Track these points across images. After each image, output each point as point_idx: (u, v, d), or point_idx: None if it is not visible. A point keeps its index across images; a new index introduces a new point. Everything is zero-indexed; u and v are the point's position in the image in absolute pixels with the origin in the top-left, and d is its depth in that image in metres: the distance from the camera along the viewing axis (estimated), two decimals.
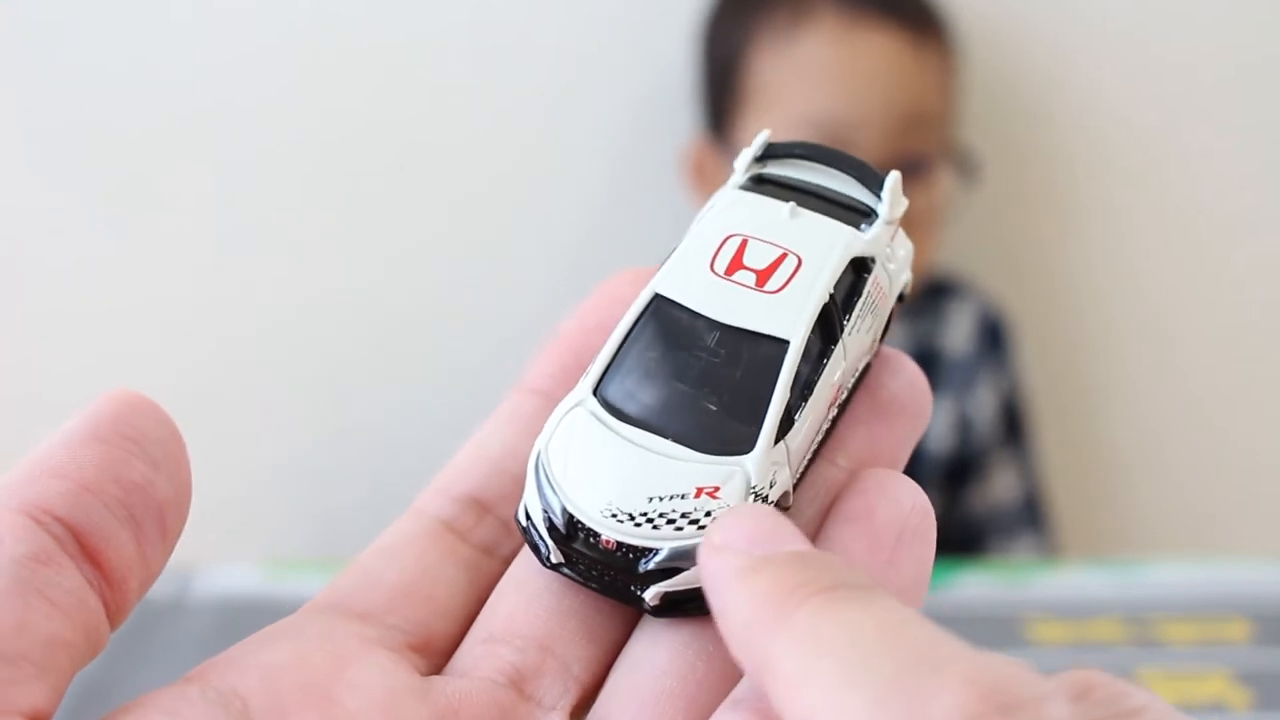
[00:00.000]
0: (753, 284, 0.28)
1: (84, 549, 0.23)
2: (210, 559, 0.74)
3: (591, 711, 0.26)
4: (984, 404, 1.02)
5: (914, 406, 0.30)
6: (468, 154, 1.09)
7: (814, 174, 0.31)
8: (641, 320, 0.28)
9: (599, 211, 1.11)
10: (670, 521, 0.26)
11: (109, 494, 0.23)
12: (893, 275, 0.29)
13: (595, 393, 0.28)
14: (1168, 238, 1.12)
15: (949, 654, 0.20)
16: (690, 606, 0.26)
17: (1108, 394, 1.14)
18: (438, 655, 0.27)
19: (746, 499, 0.26)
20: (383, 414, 1.14)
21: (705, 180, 1.03)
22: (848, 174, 0.30)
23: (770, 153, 0.31)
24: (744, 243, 0.28)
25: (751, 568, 0.23)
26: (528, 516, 0.27)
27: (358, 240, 1.11)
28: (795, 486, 0.27)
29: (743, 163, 0.31)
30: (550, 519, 0.27)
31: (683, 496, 0.26)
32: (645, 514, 0.26)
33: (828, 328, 0.27)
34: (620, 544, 0.26)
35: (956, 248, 1.06)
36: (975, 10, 1.06)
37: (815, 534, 0.27)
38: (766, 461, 0.26)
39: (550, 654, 0.26)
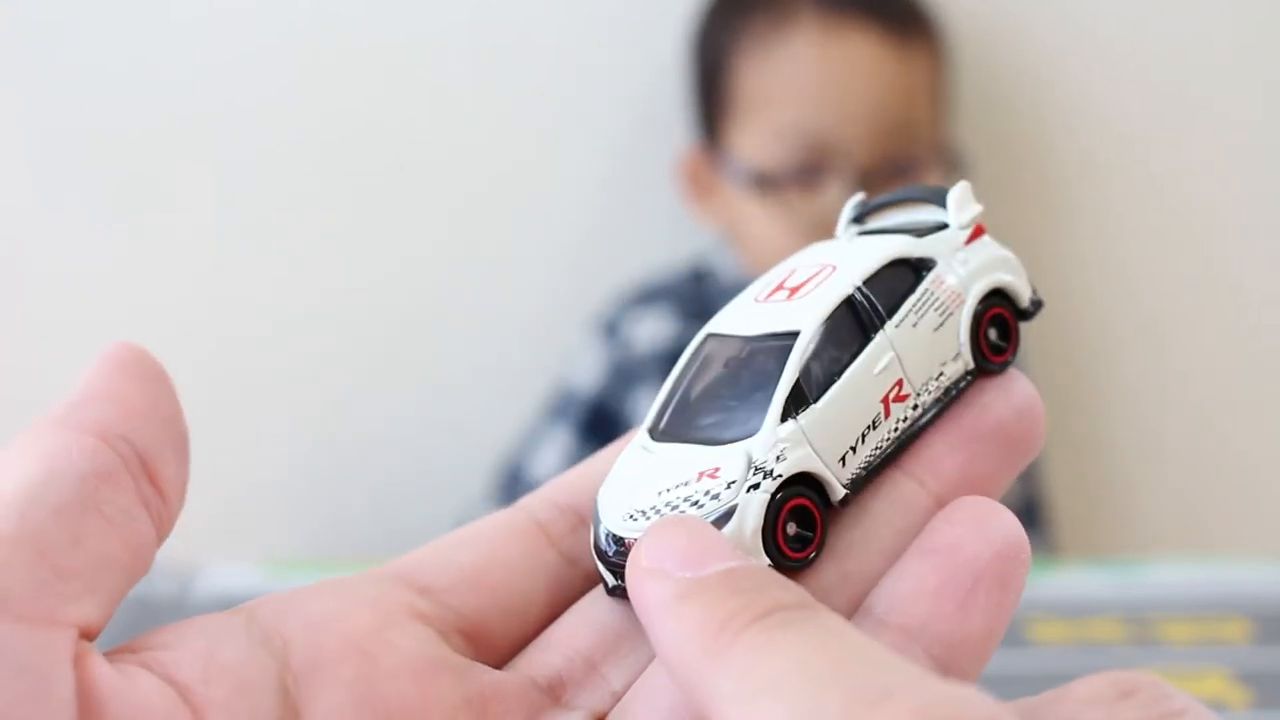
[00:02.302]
0: (785, 299, 0.29)
1: (145, 469, 0.24)
2: (211, 559, 0.74)
3: (610, 714, 0.26)
4: None
5: (1021, 436, 0.28)
6: (468, 156, 1.09)
7: (906, 216, 0.31)
8: (690, 358, 0.29)
9: (599, 214, 1.11)
10: (673, 508, 0.26)
11: (156, 419, 0.24)
12: (969, 276, 0.29)
13: (649, 429, 0.29)
14: (1166, 238, 1.12)
15: (894, 684, 0.20)
16: None
17: (1107, 394, 1.14)
18: (488, 648, 0.27)
19: (749, 473, 0.26)
20: (382, 415, 1.14)
21: (700, 188, 1.03)
22: (929, 202, 0.31)
23: (864, 212, 0.32)
24: (791, 272, 0.29)
25: (682, 595, 0.23)
26: (592, 551, 0.28)
27: (357, 243, 1.11)
28: (856, 485, 0.27)
29: (841, 228, 0.32)
30: (600, 545, 0.27)
31: (685, 483, 0.27)
32: (654, 507, 0.27)
33: (859, 319, 0.28)
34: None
35: None
36: (966, 10, 1.06)
37: (889, 560, 0.26)
38: (771, 439, 0.26)
39: (595, 669, 0.26)
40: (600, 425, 1.02)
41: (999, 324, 0.29)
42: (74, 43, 1.06)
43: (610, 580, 0.27)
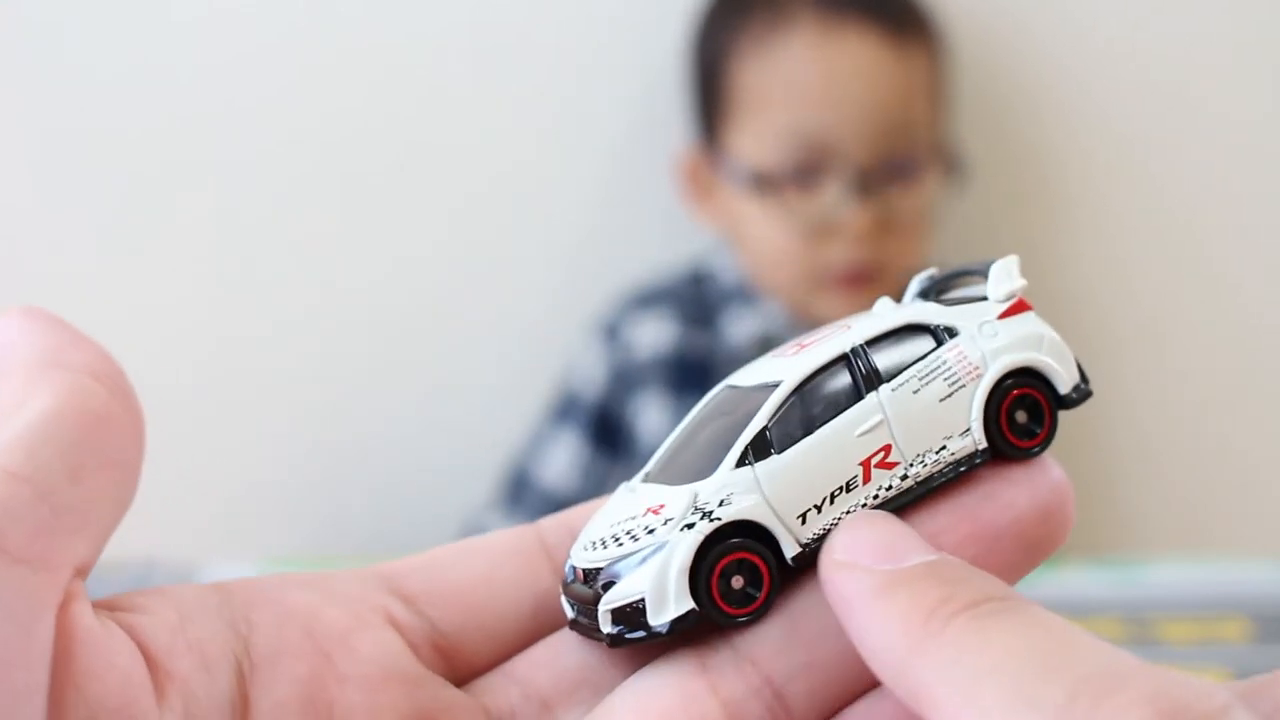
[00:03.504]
0: (793, 353, 0.28)
1: (130, 405, 0.25)
2: (211, 557, 0.74)
3: None
4: None
5: (1044, 539, 0.26)
6: (468, 157, 1.09)
7: (966, 290, 0.29)
8: (699, 408, 0.29)
9: (599, 214, 1.11)
10: (616, 540, 0.26)
11: (118, 367, 0.25)
12: (993, 350, 0.27)
13: (645, 472, 0.28)
14: (1166, 238, 1.12)
15: (1121, 672, 0.19)
16: (635, 631, 0.25)
17: (1107, 394, 1.14)
18: (460, 664, 0.27)
19: (689, 513, 0.25)
20: (382, 415, 1.14)
21: (699, 189, 1.03)
22: (977, 275, 0.29)
23: (934, 285, 0.30)
24: (824, 332, 0.28)
25: (885, 586, 0.23)
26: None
27: (357, 243, 1.11)
28: (818, 544, 0.25)
29: (906, 299, 0.30)
30: (565, 577, 0.27)
31: (632, 517, 0.26)
32: (603, 538, 0.26)
33: (853, 378, 0.27)
34: (585, 571, 0.26)
35: (952, 250, 1.06)
36: (965, 10, 1.06)
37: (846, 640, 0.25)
38: (722, 482, 0.26)
39: (549, 711, 0.27)
40: (605, 429, 1.02)
41: (1031, 407, 0.27)
42: (74, 43, 1.06)
43: (569, 613, 0.27)
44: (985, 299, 0.28)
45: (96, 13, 1.06)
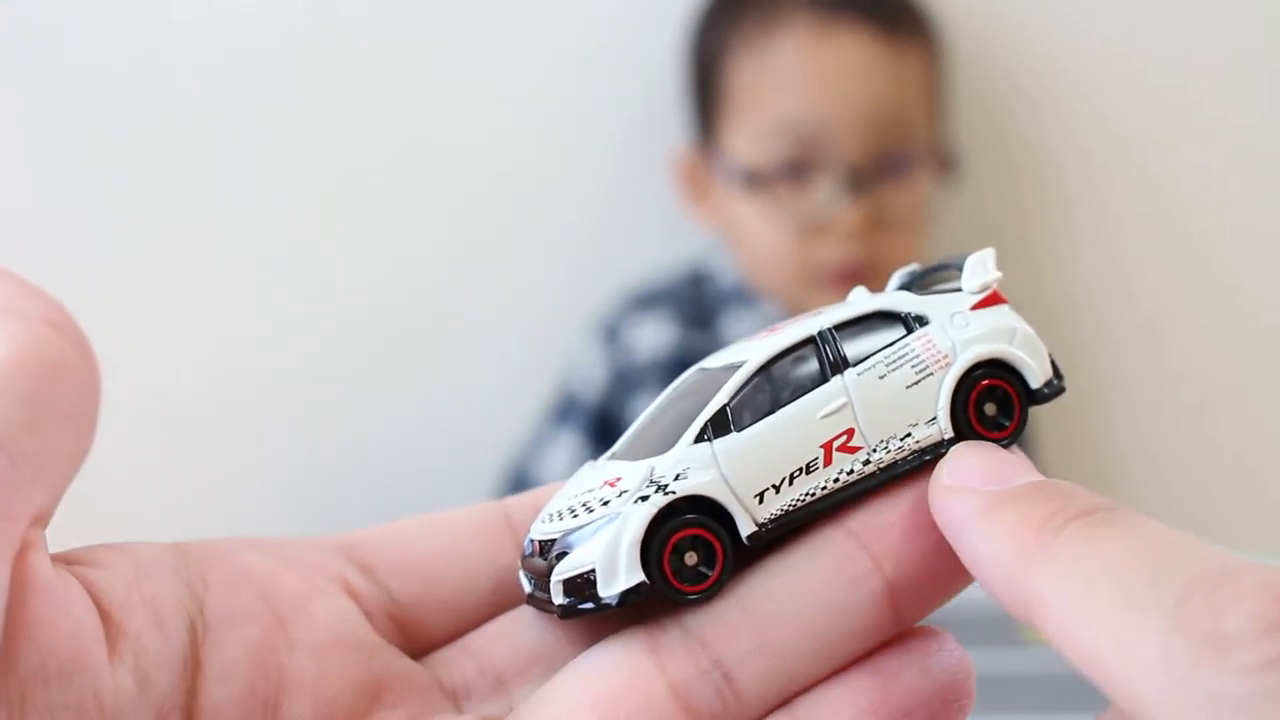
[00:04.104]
0: (764, 336, 0.28)
1: (86, 354, 0.24)
2: None
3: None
4: None
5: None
6: (467, 157, 1.09)
7: (951, 282, 0.29)
8: (671, 389, 0.29)
9: (598, 215, 1.11)
10: (572, 512, 0.26)
11: (73, 319, 0.25)
12: (964, 341, 0.27)
13: (612, 453, 0.28)
14: (1164, 238, 1.12)
15: (1230, 568, 0.20)
16: (585, 603, 0.25)
17: (1106, 394, 1.14)
18: (418, 636, 0.27)
19: (644, 486, 0.25)
20: (382, 415, 1.14)
21: (697, 189, 1.03)
22: (954, 267, 0.29)
23: (915, 280, 0.30)
24: (795, 320, 0.28)
25: (994, 505, 0.23)
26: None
27: (356, 244, 1.11)
28: (775, 528, 0.26)
29: (889, 291, 0.30)
30: (522, 550, 0.27)
31: (590, 490, 0.26)
32: (559, 511, 0.27)
33: (819, 361, 0.27)
34: (540, 542, 0.26)
35: (948, 249, 1.05)
36: (963, 10, 1.06)
37: (804, 625, 0.25)
38: (679, 457, 0.26)
39: (503, 686, 0.27)
40: (605, 430, 1.02)
41: (1001, 400, 0.27)
42: (74, 43, 1.06)
43: (527, 586, 0.27)
44: (960, 290, 0.28)
45: (96, 13, 1.06)
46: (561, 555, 0.25)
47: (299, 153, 1.09)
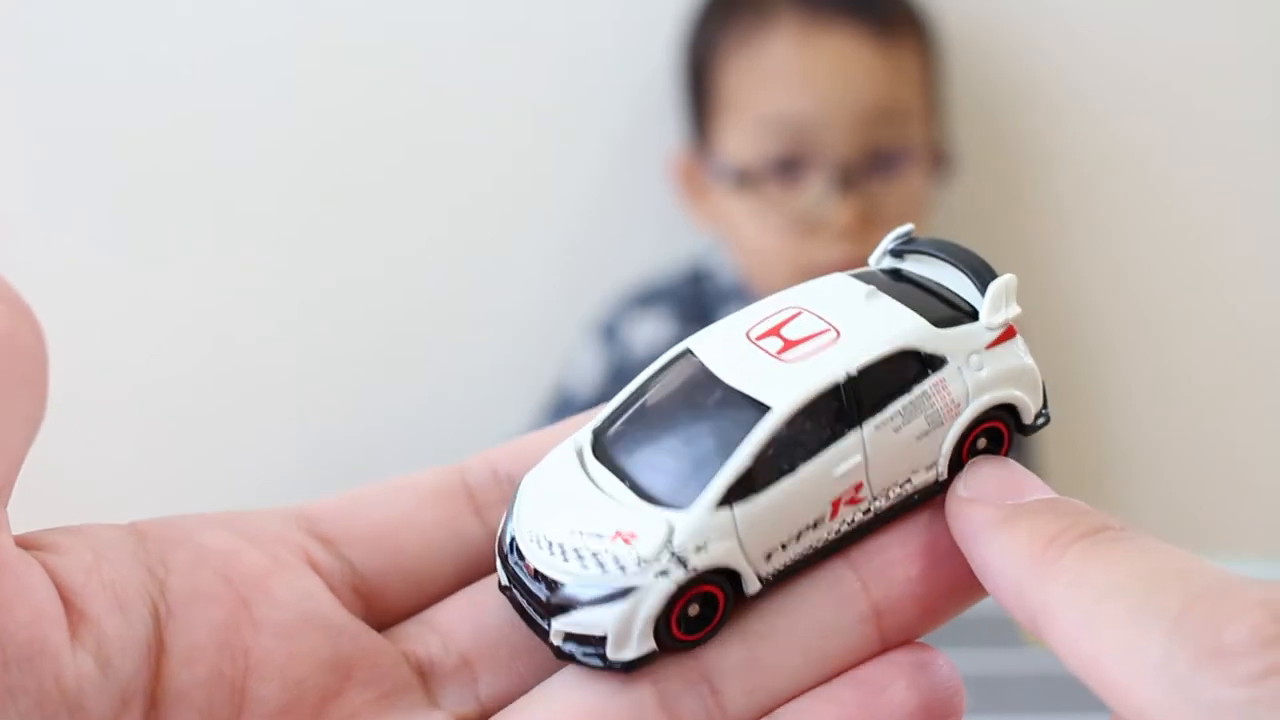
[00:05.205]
0: (775, 351, 0.26)
1: (32, 321, 0.23)
2: None
3: None
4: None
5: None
6: (465, 157, 1.09)
7: (942, 274, 0.28)
8: (664, 369, 0.28)
9: (597, 215, 1.11)
10: (579, 557, 0.25)
11: (12, 286, 0.24)
12: (977, 386, 0.26)
13: (596, 432, 0.28)
14: (1163, 238, 1.12)
15: (1232, 585, 0.21)
16: (591, 656, 0.25)
17: (1105, 394, 1.14)
18: (382, 608, 0.27)
19: (661, 555, 0.24)
20: (379, 416, 1.14)
21: (693, 190, 1.03)
22: (973, 277, 0.28)
23: (908, 248, 0.29)
24: (796, 314, 0.27)
25: (1006, 518, 0.24)
26: (496, 541, 0.27)
27: (354, 245, 1.11)
28: (778, 577, 0.25)
29: (875, 256, 0.30)
30: (502, 539, 0.27)
31: (599, 536, 0.25)
32: (561, 545, 0.25)
33: (840, 411, 0.25)
34: (537, 570, 0.25)
35: None
36: (962, 9, 1.06)
37: (806, 656, 0.25)
38: (701, 523, 0.25)
39: (467, 668, 0.26)
40: None
41: (992, 435, 0.27)
42: (74, 43, 1.06)
43: (502, 580, 0.26)
44: (974, 317, 0.27)
45: (96, 12, 1.06)
46: (568, 606, 0.25)
47: (297, 153, 1.09)
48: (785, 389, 0.25)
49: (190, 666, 0.24)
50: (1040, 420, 0.28)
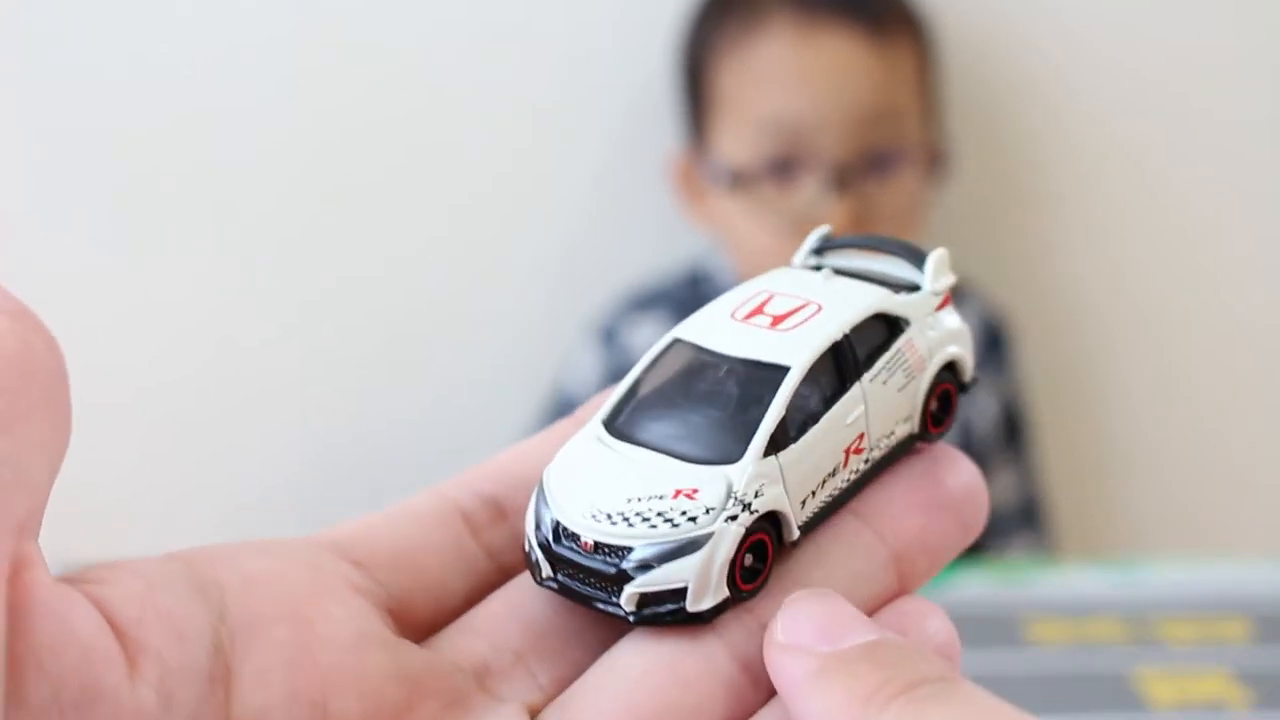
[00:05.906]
0: (768, 325, 0.29)
1: (52, 345, 0.22)
2: None
3: (555, 701, 0.26)
4: (984, 409, 1.02)
5: (969, 512, 0.29)
6: (463, 159, 1.09)
7: (871, 262, 0.31)
8: (658, 359, 0.29)
9: (595, 217, 1.11)
10: (645, 520, 0.26)
11: (28, 306, 0.23)
12: (933, 343, 0.30)
13: (605, 423, 0.28)
14: (1162, 237, 1.12)
15: None
16: (667, 613, 0.26)
17: (1105, 394, 1.14)
18: (410, 629, 0.27)
19: (727, 502, 0.26)
20: (379, 417, 1.14)
21: (691, 191, 1.03)
22: (899, 257, 0.31)
23: (826, 246, 0.32)
24: (770, 297, 0.29)
25: (823, 670, 0.23)
26: (528, 542, 0.27)
27: (353, 247, 1.11)
28: (808, 526, 0.27)
29: (800, 256, 0.32)
30: (541, 532, 0.27)
31: (660, 497, 0.26)
32: (622, 513, 0.26)
33: (841, 367, 0.28)
34: (598, 544, 0.26)
35: (955, 251, 1.05)
36: (959, 9, 1.06)
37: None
38: (753, 471, 0.26)
39: (521, 662, 0.26)
40: None
41: (942, 396, 0.30)
42: (74, 43, 1.06)
43: (545, 571, 0.27)
44: (916, 287, 0.30)
45: (96, 12, 1.06)
46: (645, 567, 0.26)
47: (297, 154, 1.09)
48: (794, 351, 0.28)
49: (264, 688, 0.23)
50: (971, 382, 0.31)
